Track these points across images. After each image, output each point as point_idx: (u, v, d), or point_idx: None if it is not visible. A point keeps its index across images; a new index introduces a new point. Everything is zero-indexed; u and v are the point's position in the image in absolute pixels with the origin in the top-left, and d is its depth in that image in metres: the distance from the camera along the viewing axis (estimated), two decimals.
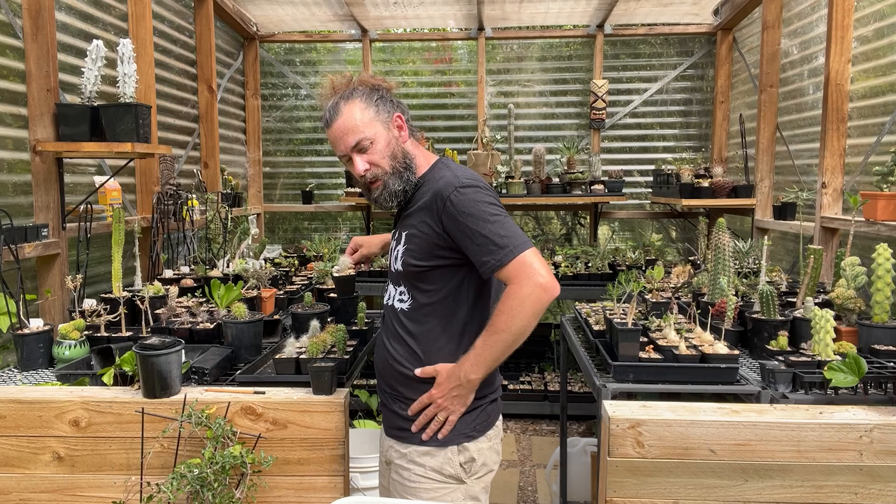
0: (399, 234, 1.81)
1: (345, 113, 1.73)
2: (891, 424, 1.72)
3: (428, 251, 1.73)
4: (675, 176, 4.58)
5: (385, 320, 1.91)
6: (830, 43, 3.16)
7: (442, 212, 1.68)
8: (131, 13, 3.47)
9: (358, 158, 1.74)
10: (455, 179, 1.70)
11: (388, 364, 1.83)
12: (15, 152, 2.72)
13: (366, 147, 1.73)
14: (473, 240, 1.65)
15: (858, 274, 2.39)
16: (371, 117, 1.74)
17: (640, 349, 2.23)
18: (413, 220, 1.76)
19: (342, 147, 1.74)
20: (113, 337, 2.40)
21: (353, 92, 1.76)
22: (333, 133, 1.75)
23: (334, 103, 1.75)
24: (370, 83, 1.79)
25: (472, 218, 1.65)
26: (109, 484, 1.89)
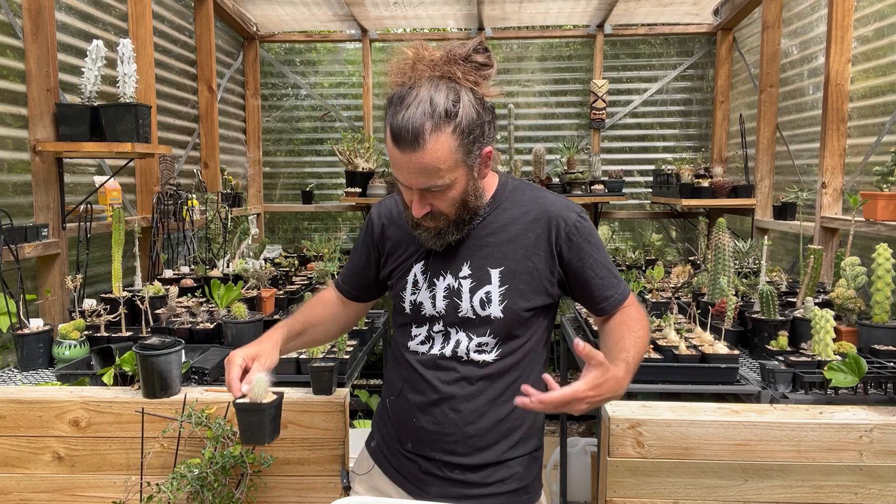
0: (475, 269, 1.41)
1: (429, 147, 1.21)
2: (891, 424, 1.72)
3: (539, 289, 1.42)
4: (675, 176, 4.58)
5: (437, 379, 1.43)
6: (830, 43, 3.16)
7: (563, 240, 1.40)
8: (131, 13, 3.47)
9: (420, 199, 1.31)
10: (566, 202, 1.44)
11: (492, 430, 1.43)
12: (15, 152, 2.71)
13: (438, 191, 1.29)
14: (597, 273, 1.43)
15: (858, 274, 2.39)
16: (459, 159, 1.26)
17: None
18: (504, 250, 1.41)
19: (407, 180, 1.29)
20: (113, 337, 2.40)
21: (449, 114, 1.21)
22: (401, 160, 1.25)
23: (417, 121, 1.20)
24: (476, 102, 1.25)
25: (597, 249, 1.43)
26: (109, 484, 1.89)
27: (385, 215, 1.55)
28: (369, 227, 1.57)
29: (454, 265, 1.42)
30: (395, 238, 1.52)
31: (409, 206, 1.36)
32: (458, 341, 1.42)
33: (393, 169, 1.31)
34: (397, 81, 1.25)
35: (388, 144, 1.26)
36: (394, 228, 1.52)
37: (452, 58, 1.25)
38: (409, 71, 1.25)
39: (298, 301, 3.05)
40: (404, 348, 1.50)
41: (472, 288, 1.40)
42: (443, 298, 1.42)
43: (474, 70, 1.27)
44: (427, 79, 1.23)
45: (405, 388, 1.48)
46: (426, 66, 1.24)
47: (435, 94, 1.21)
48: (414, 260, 1.47)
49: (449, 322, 1.42)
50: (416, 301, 1.45)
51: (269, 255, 4.35)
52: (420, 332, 1.46)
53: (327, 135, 5.69)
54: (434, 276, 1.43)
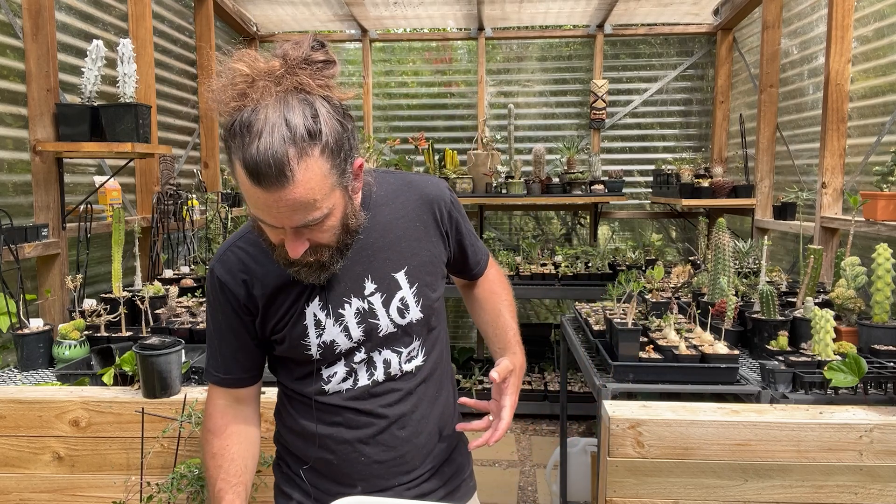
0: (379, 279, 1.27)
1: (299, 178, 1.00)
2: (891, 424, 1.72)
3: (440, 273, 1.36)
4: (675, 176, 4.59)
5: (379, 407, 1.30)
6: (830, 43, 3.16)
7: (447, 219, 1.36)
8: (131, 13, 3.47)
9: (295, 238, 1.10)
10: (434, 180, 1.38)
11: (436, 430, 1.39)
12: (15, 152, 2.71)
13: (316, 224, 1.09)
14: (471, 241, 1.45)
15: (858, 274, 2.39)
16: (334, 182, 1.07)
17: (640, 349, 2.23)
18: (399, 248, 1.29)
19: (276, 221, 1.06)
20: (113, 337, 2.40)
21: (313, 134, 1.01)
22: (265, 200, 1.02)
23: (277, 151, 0.98)
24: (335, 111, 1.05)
25: (466, 218, 1.44)
26: (109, 484, 1.89)
27: (239, 271, 1.26)
28: (224, 292, 1.26)
29: (356, 286, 1.26)
30: (266, 289, 1.25)
31: (277, 246, 1.15)
32: (388, 361, 1.30)
33: (253, 210, 1.07)
34: (235, 106, 1.01)
35: (244, 183, 1.02)
36: (259, 280, 1.25)
37: (293, 63, 1.02)
38: (248, 89, 1.01)
39: None
40: (320, 394, 1.30)
41: (385, 301, 1.27)
42: (357, 325, 1.26)
43: (319, 73, 1.04)
44: (271, 95, 1.00)
45: (339, 431, 1.30)
46: (268, 81, 1.01)
47: (288, 112, 0.99)
48: (305, 300, 1.24)
49: (371, 347, 1.28)
50: (325, 342, 1.25)
51: None
52: (336, 371, 1.28)
53: None
54: (337, 306, 1.25)
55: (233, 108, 1.02)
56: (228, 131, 1.02)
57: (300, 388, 1.32)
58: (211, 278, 1.29)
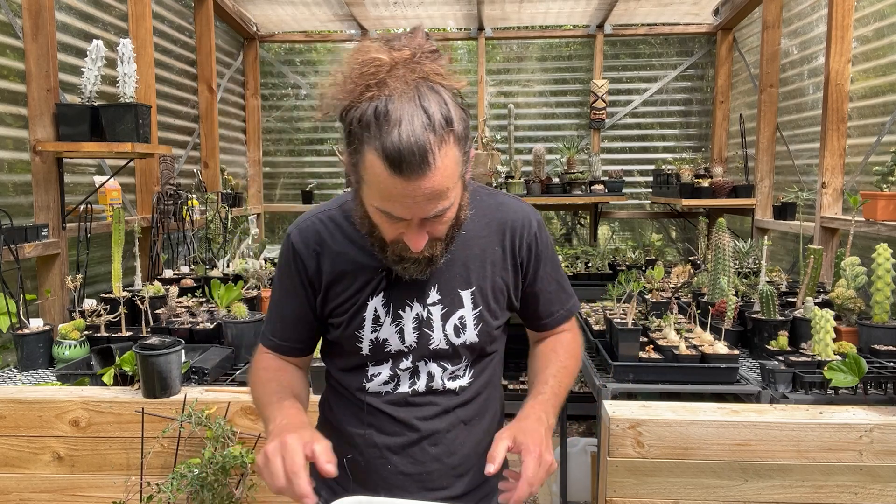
0: (445, 293, 1.24)
1: (439, 166, 1.00)
2: (891, 424, 1.72)
3: (507, 305, 1.30)
4: (675, 176, 4.59)
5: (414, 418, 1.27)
6: (830, 43, 3.16)
7: (525, 251, 1.28)
8: (131, 13, 3.47)
9: (419, 230, 1.09)
10: (526, 208, 1.31)
11: (471, 453, 1.33)
12: (15, 152, 2.71)
13: (440, 215, 1.08)
14: (548, 285, 1.32)
15: (858, 274, 2.39)
16: (461, 171, 1.08)
17: (640, 349, 2.23)
18: (472, 267, 1.25)
19: (408, 212, 1.05)
20: (113, 337, 2.40)
21: (449, 122, 1.01)
22: (404, 189, 1.00)
23: (420, 138, 0.97)
24: (456, 100, 1.05)
25: (552, 261, 1.32)
26: (109, 484, 1.89)
27: (314, 242, 1.25)
28: (296, 260, 1.26)
29: (421, 292, 1.23)
30: (337, 270, 1.24)
31: (390, 243, 1.13)
32: (432, 374, 1.26)
33: (381, 202, 1.04)
34: (369, 95, 1.00)
35: (379, 173, 0.99)
36: (330, 258, 1.24)
37: (419, 54, 1.03)
38: (386, 76, 1.00)
39: None
40: (360, 391, 1.29)
41: (444, 315, 1.24)
42: (412, 331, 1.23)
43: (437, 62, 1.05)
44: (406, 84, 1.00)
45: (370, 433, 1.28)
46: (404, 70, 1.01)
47: (423, 101, 0.99)
48: (369, 293, 1.23)
49: (419, 356, 1.25)
50: (378, 339, 1.24)
51: (269, 255, 4.35)
52: (381, 371, 1.26)
53: (327, 135, 5.69)
54: (398, 307, 1.23)
55: (367, 97, 1.00)
56: (360, 120, 1.00)
57: (344, 380, 1.32)
58: (286, 243, 1.28)
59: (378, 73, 1.00)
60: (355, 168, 1.06)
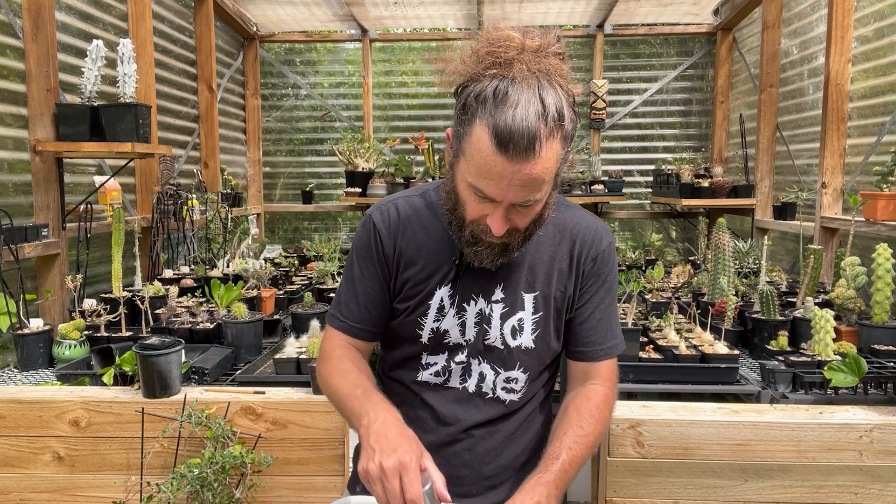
0: (509, 292, 1.25)
1: (542, 156, 1.02)
2: (891, 424, 1.72)
3: (566, 316, 1.30)
4: (675, 176, 4.59)
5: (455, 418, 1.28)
6: (830, 43, 3.16)
7: (588, 264, 1.27)
8: (131, 13, 3.47)
9: (505, 215, 1.09)
10: (603, 226, 1.30)
11: (508, 467, 1.33)
12: (15, 152, 2.71)
13: (527, 206, 1.10)
14: (599, 312, 1.29)
15: (858, 274, 2.39)
16: (558, 169, 1.10)
17: (640, 349, 2.23)
18: (538, 272, 1.25)
19: (500, 194, 1.05)
20: (113, 337, 2.40)
21: (560, 118, 1.04)
22: (505, 170, 1.02)
23: (532, 124, 0.99)
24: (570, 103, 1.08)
25: (613, 288, 1.30)
26: (109, 484, 1.89)
27: (394, 225, 1.26)
28: (375, 239, 1.27)
29: (487, 288, 1.24)
30: (411, 253, 1.25)
31: (470, 222, 1.13)
32: (483, 375, 1.26)
33: (478, 178, 1.05)
34: (493, 73, 1.01)
35: (484, 147, 1.01)
36: (406, 241, 1.25)
37: (547, 49, 1.05)
38: (516, 57, 1.02)
39: (299, 301, 3.05)
40: (410, 381, 1.29)
41: (504, 314, 1.25)
42: (474, 325, 1.24)
43: (561, 62, 1.07)
44: (531, 72, 1.01)
45: (411, 426, 1.25)
46: (532, 56, 1.02)
47: (543, 91, 1.01)
48: (437, 282, 1.24)
49: (473, 352, 1.26)
50: (439, 328, 1.25)
51: (269, 255, 4.35)
52: (436, 362, 1.27)
53: (327, 135, 5.69)
54: (463, 300, 1.24)
55: (490, 73, 1.02)
56: (477, 95, 1.02)
57: (395, 370, 1.32)
58: (366, 224, 1.28)
59: (507, 51, 1.02)
60: (460, 140, 1.08)
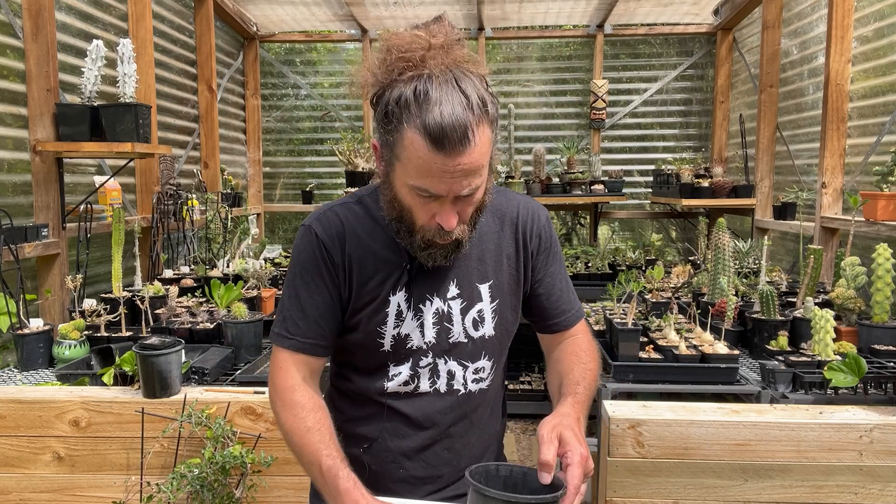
0: (464, 286, 1.25)
1: (477, 142, 1.04)
2: (891, 424, 1.72)
3: (521, 298, 1.32)
4: (675, 176, 4.58)
5: (431, 422, 1.26)
6: (830, 43, 3.16)
7: (535, 242, 1.30)
8: (131, 13, 3.47)
9: (452, 209, 1.11)
10: (534, 202, 1.33)
11: (480, 455, 1.35)
12: (15, 152, 2.71)
13: (470, 194, 1.11)
14: (558, 282, 1.32)
15: (858, 274, 2.39)
16: (492, 152, 1.12)
17: (640, 349, 2.23)
18: (487, 261, 1.27)
19: (445, 188, 1.07)
20: (113, 337, 2.40)
21: (484, 104, 1.05)
22: (444, 165, 1.04)
23: (461, 116, 1.02)
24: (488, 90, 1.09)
25: (560, 258, 1.33)
26: (109, 484, 1.89)
27: (338, 233, 1.22)
28: (321, 250, 1.22)
29: (441, 286, 1.24)
30: (360, 261, 1.22)
31: (419, 228, 1.14)
32: (452, 373, 1.26)
33: (419, 180, 1.06)
34: (408, 76, 1.04)
35: (419, 149, 1.03)
36: (353, 248, 1.22)
37: (451, 40, 1.07)
38: (426, 55, 1.04)
39: None
40: (379, 394, 1.26)
41: (463, 308, 1.25)
42: (432, 325, 1.23)
43: (463, 49, 1.09)
44: (442, 66, 1.04)
45: (383, 437, 1.26)
46: (440, 52, 1.05)
47: (461, 83, 1.03)
48: (391, 288, 1.22)
49: (438, 351, 1.25)
50: (399, 334, 1.23)
51: (269, 255, 4.35)
52: (401, 371, 1.25)
53: (327, 135, 5.69)
54: (419, 301, 1.23)
55: (406, 77, 1.04)
56: (398, 100, 1.04)
57: (362, 384, 1.28)
58: (307, 235, 1.24)
59: (416, 52, 1.04)
60: (391, 148, 1.08)
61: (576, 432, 1.07)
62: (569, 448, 1.03)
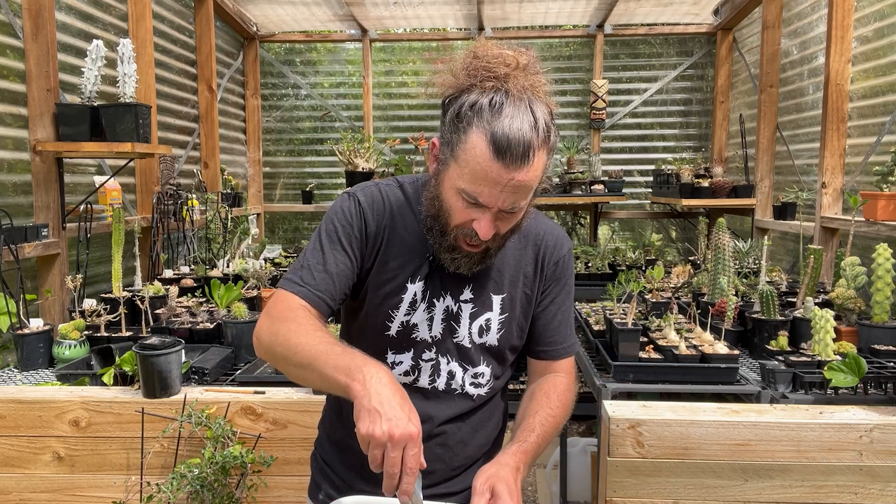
0: (478, 293, 1.29)
1: (534, 164, 1.09)
2: (891, 424, 1.72)
3: (528, 319, 1.35)
4: (675, 176, 4.59)
5: (427, 416, 1.27)
6: (830, 43, 3.16)
7: (551, 268, 1.33)
8: (131, 13, 3.47)
9: (491, 220, 1.14)
10: (562, 231, 1.37)
11: (474, 456, 1.37)
12: (15, 152, 2.71)
13: (513, 213, 1.15)
14: (559, 313, 1.36)
15: (858, 274, 2.39)
16: (543, 178, 1.16)
17: (640, 349, 2.23)
18: (505, 275, 1.30)
19: (491, 199, 1.11)
20: (113, 337, 2.40)
21: (548, 131, 1.10)
22: (499, 176, 1.08)
23: (527, 135, 1.06)
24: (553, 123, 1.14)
25: (571, 291, 1.37)
26: (109, 484, 1.89)
27: (379, 208, 1.27)
28: (360, 216, 1.26)
29: (456, 287, 1.27)
30: (391, 241, 1.27)
31: (454, 228, 1.17)
32: (453, 373, 1.29)
33: (472, 185, 1.10)
34: (490, 85, 1.08)
35: (481, 154, 1.07)
36: (390, 227, 1.27)
37: (532, 66, 1.12)
38: (510, 73, 1.09)
39: None
40: None
41: (473, 313, 1.28)
42: (440, 321, 1.27)
43: (541, 78, 1.13)
44: (520, 86, 1.09)
45: None
46: (522, 73, 1.10)
47: (533, 105, 1.08)
48: (410, 275, 1.26)
49: (442, 350, 1.28)
50: (409, 322, 1.26)
51: (270, 255, 4.35)
52: (403, 360, 1.28)
53: (327, 135, 5.69)
54: (434, 296, 1.27)
55: (487, 86, 1.09)
56: (473, 106, 1.09)
57: None
58: (349, 200, 1.27)
59: (501, 68, 1.09)
60: (451, 148, 1.12)
61: (509, 484, 1.11)
62: (500, 502, 1.08)
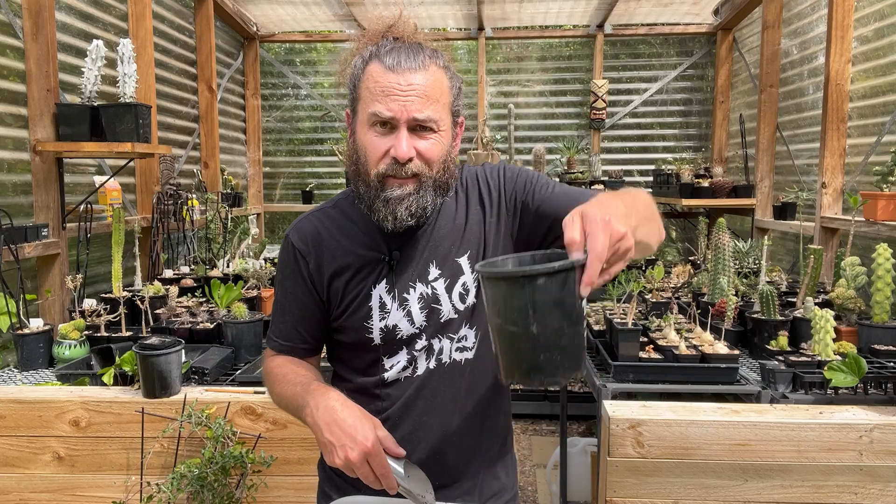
0: (443, 265, 1.27)
1: (430, 69, 1.16)
2: (891, 424, 1.72)
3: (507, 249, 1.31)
4: (675, 176, 4.59)
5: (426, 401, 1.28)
6: (830, 43, 3.16)
7: (508, 192, 1.30)
8: (131, 13, 3.47)
9: (407, 137, 1.15)
10: (484, 164, 1.39)
11: (490, 448, 1.37)
12: (15, 152, 2.71)
13: (427, 131, 1.17)
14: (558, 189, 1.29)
15: (858, 274, 2.39)
16: (449, 103, 1.21)
17: (640, 349, 2.23)
18: (464, 234, 1.28)
19: (398, 109, 1.14)
20: (113, 337, 2.40)
21: (441, 57, 1.20)
22: (396, 83, 1.14)
23: (413, 46, 1.17)
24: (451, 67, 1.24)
25: (538, 178, 1.32)
26: (109, 484, 1.89)
27: (312, 238, 1.28)
28: (296, 259, 1.28)
29: (422, 271, 1.26)
30: (335, 263, 1.26)
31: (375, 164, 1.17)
32: (441, 349, 1.28)
33: (375, 102, 1.15)
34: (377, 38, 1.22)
35: (377, 72, 1.15)
36: (329, 253, 1.26)
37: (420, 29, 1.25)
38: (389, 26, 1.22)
39: None
40: (376, 386, 1.28)
41: (448, 286, 1.26)
42: (420, 311, 1.25)
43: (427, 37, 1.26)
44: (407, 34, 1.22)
45: (387, 426, 1.22)
46: (405, 25, 1.23)
47: (422, 45, 1.20)
48: (372, 282, 1.25)
49: (432, 333, 1.27)
50: (387, 326, 1.25)
51: (269, 255, 4.35)
52: (398, 360, 1.27)
53: (327, 135, 5.69)
54: (403, 290, 1.25)
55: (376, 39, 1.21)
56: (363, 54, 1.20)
57: (360, 381, 1.30)
58: (285, 244, 1.31)
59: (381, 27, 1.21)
60: (355, 96, 1.21)
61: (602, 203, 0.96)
62: (590, 218, 0.90)
